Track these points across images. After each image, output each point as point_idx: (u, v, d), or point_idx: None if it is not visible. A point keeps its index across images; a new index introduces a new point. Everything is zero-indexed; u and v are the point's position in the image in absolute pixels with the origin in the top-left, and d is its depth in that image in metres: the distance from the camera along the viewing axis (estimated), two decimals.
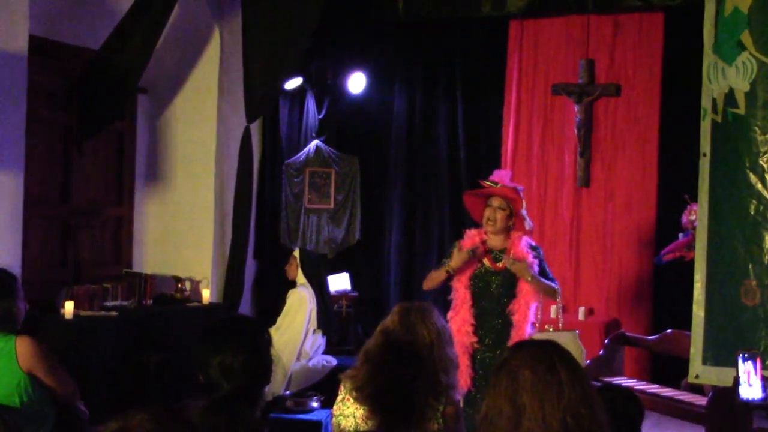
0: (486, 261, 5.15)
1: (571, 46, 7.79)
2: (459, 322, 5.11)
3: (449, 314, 5.14)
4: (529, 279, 5.00)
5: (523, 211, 5.14)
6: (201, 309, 7.23)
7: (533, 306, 5.08)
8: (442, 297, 5.49)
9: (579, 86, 7.67)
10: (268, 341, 3.04)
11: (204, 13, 7.54)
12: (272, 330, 6.56)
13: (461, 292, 5.14)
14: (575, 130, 7.69)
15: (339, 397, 3.61)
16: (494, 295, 5.10)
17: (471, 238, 5.20)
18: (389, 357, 3.41)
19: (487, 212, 5.13)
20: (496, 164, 7.93)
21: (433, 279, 5.26)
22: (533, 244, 5.20)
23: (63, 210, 7.01)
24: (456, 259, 5.11)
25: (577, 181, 7.77)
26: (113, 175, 7.54)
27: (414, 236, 8.66)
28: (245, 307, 7.92)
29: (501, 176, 5.26)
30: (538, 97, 7.94)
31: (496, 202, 5.12)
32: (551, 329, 5.21)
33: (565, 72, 7.82)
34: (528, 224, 5.19)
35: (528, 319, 5.08)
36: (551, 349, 2.29)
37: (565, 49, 7.83)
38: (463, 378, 4.99)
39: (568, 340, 5.05)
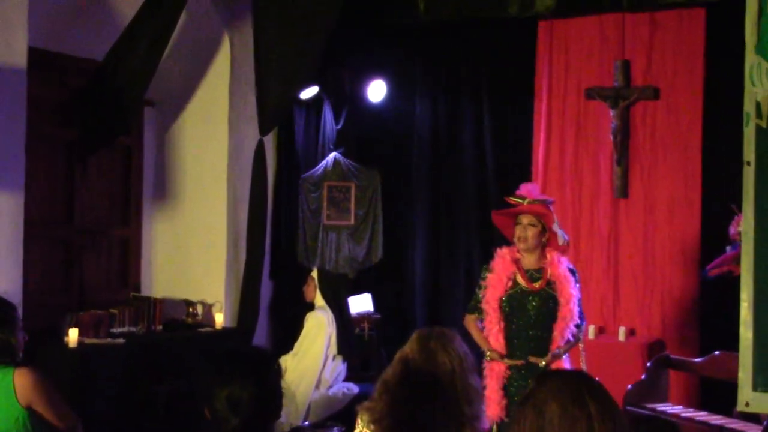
0: (521, 280, 5.12)
1: (605, 47, 7.76)
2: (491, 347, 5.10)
3: None
4: (562, 354, 5.02)
5: (556, 225, 5.12)
6: (214, 334, 7.27)
7: (570, 335, 5.08)
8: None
9: (614, 90, 7.63)
10: (278, 373, 3.01)
11: (213, 20, 7.59)
12: (289, 356, 6.61)
13: (492, 315, 5.11)
14: (611, 137, 7.64)
15: (356, 431, 3.58)
16: (531, 316, 5.07)
17: (502, 257, 5.19)
18: (409, 387, 3.38)
19: (518, 230, 5.12)
20: (526, 175, 7.94)
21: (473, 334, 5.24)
22: (571, 267, 5.17)
23: (66, 231, 7.08)
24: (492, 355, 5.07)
25: (614, 192, 7.72)
26: (119, 193, 7.61)
27: (440, 253, 8.64)
28: (261, 331, 7.96)
29: (528, 190, 5.22)
30: (571, 103, 7.91)
31: (525, 219, 5.11)
32: None
33: (599, 75, 7.79)
34: (562, 238, 5.15)
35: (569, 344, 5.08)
36: (580, 379, 2.24)
37: (598, 51, 7.79)
38: (495, 407, 4.98)
39: None
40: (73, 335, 6.22)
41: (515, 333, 5.07)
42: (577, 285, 5.07)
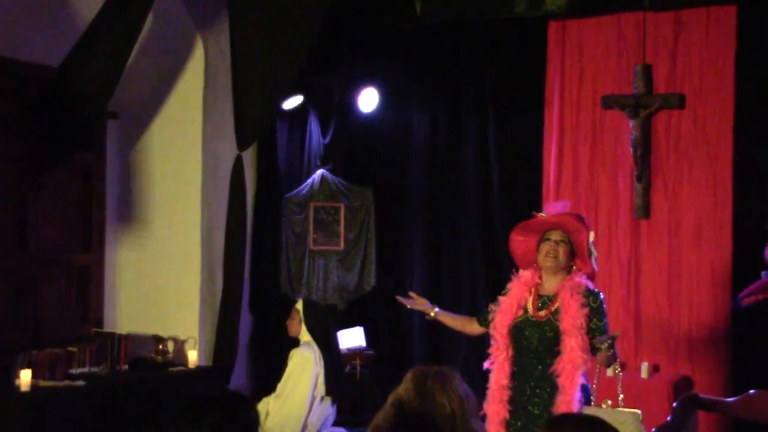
0: (529, 306, 5.10)
1: (623, 50, 7.75)
2: (494, 382, 5.10)
3: (485, 364, 5.15)
4: (604, 348, 4.92)
5: (591, 244, 5.05)
6: (187, 375, 7.26)
7: (582, 367, 4.96)
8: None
9: (634, 97, 7.61)
10: (255, 420, 3.01)
11: (184, 21, 7.57)
12: (272, 399, 6.52)
13: (500, 342, 5.11)
14: (631, 150, 7.61)
15: None
16: (532, 349, 5.04)
17: (519, 279, 5.15)
18: None
19: (546, 247, 5.05)
20: (536, 193, 7.95)
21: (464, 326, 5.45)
22: (591, 288, 5.05)
23: (19, 259, 7.05)
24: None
25: (634, 212, 7.70)
26: (79, 216, 7.56)
27: (440, 281, 8.64)
28: (240, 371, 7.95)
29: (556, 209, 5.19)
30: (585, 112, 7.91)
31: (556, 235, 5.07)
32: (608, 405, 5.00)
33: (617, 81, 7.79)
34: (594, 263, 5.09)
35: (576, 381, 4.93)
36: (593, 428, 2.12)
37: (616, 54, 7.79)
38: None
39: (627, 423, 4.89)
40: (25, 377, 6.15)
41: (520, 365, 5.06)
42: (587, 309, 4.95)
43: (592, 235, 5.08)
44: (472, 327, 5.40)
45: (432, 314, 5.44)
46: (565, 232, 5.06)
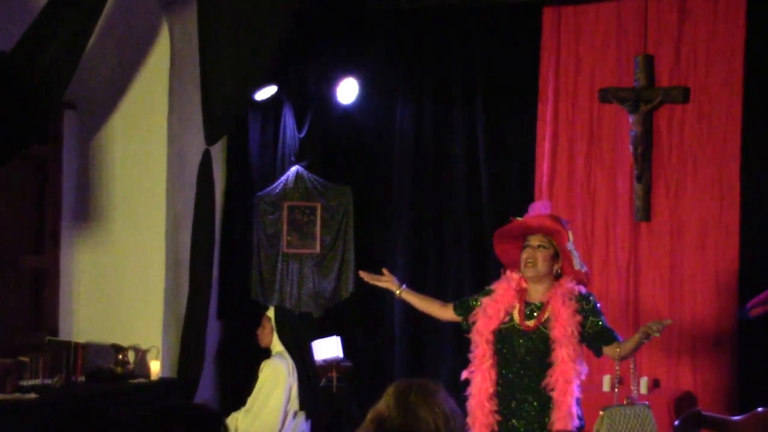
0: (516, 314, 5.14)
1: (623, 40, 7.78)
2: (477, 391, 5.12)
3: (463, 374, 5.19)
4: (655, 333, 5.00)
5: (570, 244, 5.10)
6: (149, 387, 7.25)
7: (575, 379, 5.02)
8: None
9: (635, 91, 7.64)
10: None
11: (148, 4, 7.54)
12: (241, 414, 6.51)
13: (483, 347, 5.14)
14: (630, 148, 7.64)
15: None
16: (520, 361, 5.08)
17: (507, 282, 5.20)
18: None
19: (525, 254, 5.11)
20: (528, 193, 7.95)
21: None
22: (582, 291, 5.12)
23: None
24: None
25: (634, 214, 7.73)
26: (32, 214, 7.53)
27: (424, 287, 8.37)
28: (206, 383, 7.92)
29: (538, 209, 5.22)
30: (582, 106, 7.93)
31: (535, 240, 5.10)
32: (630, 401, 5.13)
33: (616, 73, 7.81)
34: (578, 263, 5.12)
35: (571, 395, 4.99)
36: None
37: (615, 44, 7.82)
38: None
39: (643, 416, 5.06)
40: None
41: (507, 378, 5.10)
42: (581, 315, 5.02)
43: (571, 236, 5.11)
44: (444, 312, 5.47)
45: (398, 292, 5.51)
46: (545, 236, 5.10)
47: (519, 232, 5.18)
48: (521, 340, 5.06)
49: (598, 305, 5.14)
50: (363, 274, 5.56)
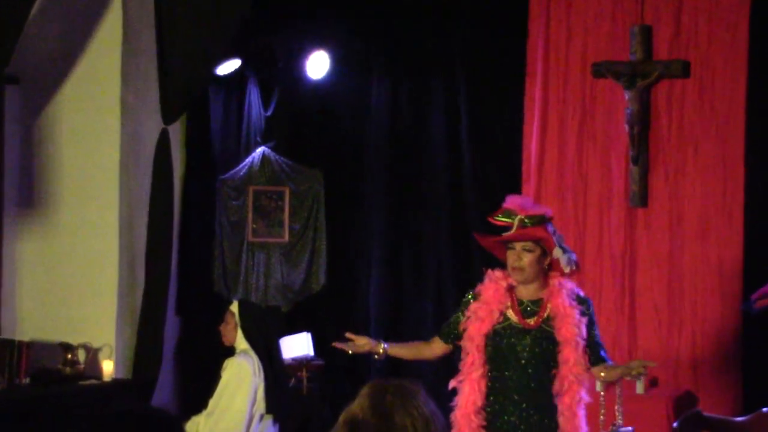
0: (512, 314, 5.12)
1: (618, 10, 7.79)
2: (464, 403, 5.09)
3: (451, 383, 5.18)
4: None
5: (558, 251, 5.11)
6: (101, 389, 7.23)
7: (586, 382, 5.05)
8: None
9: (631, 65, 7.65)
10: None
11: None
12: (202, 417, 6.50)
13: (474, 355, 5.13)
14: (626, 127, 7.65)
15: None
16: (522, 361, 5.07)
17: (494, 282, 5.18)
18: None
19: (510, 258, 5.11)
20: (515, 178, 8.00)
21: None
22: (581, 294, 5.17)
23: None
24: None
25: (629, 199, 7.76)
26: None
27: (402, 280, 8.66)
28: (164, 384, 7.93)
29: (519, 204, 5.20)
30: (573, 82, 7.94)
31: (519, 244, 5.11)
32: (614, 428, 5.20)
33: (610, 46, 7.82)
34: (568, 264, 5.13)
35: (580, 401, 5.02)
36: None
37: (610, 14, 7.82)
38: None
39: None
40: None
41: (502, 382, 5.08)
42: (586, 318, 5.09)
43: (558, 246, 5.10)
44: (433, 349, 5.41)
45: (381, 351, 5.40)
46: (531, 239, 5.12)
47: (500, 242, 5.20)
48: (523, 339, 5.06)
49: (594, 314, 5.19)
50: (336, 345, 5.49)
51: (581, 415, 5.00)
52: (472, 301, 5.17)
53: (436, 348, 5.35)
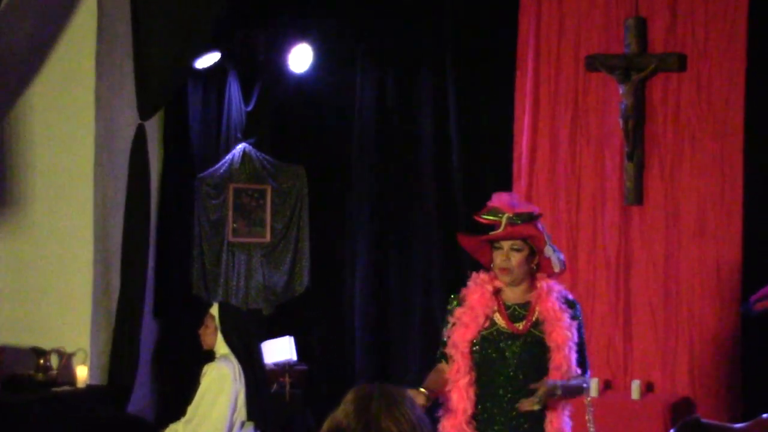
0: (499, 318, 5.05)
1: (612, 1, 7.82)
2: (453, 413, 5.03)
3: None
4: (559, 393, 4.90)
5: (548, 249, 5.06)
6: (75, 395, 7.23)
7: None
8: None
9: (625, 58, 7.66)
10: None
11: None
12: (181, 424, 6.44)
13: (460, 362, 5.04)
14: (620, 122, 7.65)
15: None
16: (510, 367, 5.01)
17: (479, 285, 5.09)
18: None
19: (498, 258, 5.04)
20: (505, 174, 8.00)
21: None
22: (570, 297, 5.11)
23: None
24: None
25: (624, 197, 7.76)
26: None
27: (388, 281, 8.65)
28: (141, 391, 7.88)
29: (505, 202, 5.13)
30: (566, 75, 7.95)
31: (507, 243, 5.05)
32: None
33: (604, 38, 7.84)
34: (558, 264, 5.07)
35: (565, 407, 4.99)
36: None
37: (604, 6, 7.84)
38: None
39: None
40: None
41: (490, 389, 5.01)
42: (576, 322, 5.04)
43: (548, 245, 5.06)
44: (444, 371, 5.15)
45: (425, 399, 4.92)
46: (520, 238, 5.08)
47: (487, 241, 5.15)
48: (512, 344, 5.00)
49: (581, 318, 5.16)
50: None
51: (565, 420, 4.95)
52: (456, 306, 5.11)
53: (446, 369, 5.14)
